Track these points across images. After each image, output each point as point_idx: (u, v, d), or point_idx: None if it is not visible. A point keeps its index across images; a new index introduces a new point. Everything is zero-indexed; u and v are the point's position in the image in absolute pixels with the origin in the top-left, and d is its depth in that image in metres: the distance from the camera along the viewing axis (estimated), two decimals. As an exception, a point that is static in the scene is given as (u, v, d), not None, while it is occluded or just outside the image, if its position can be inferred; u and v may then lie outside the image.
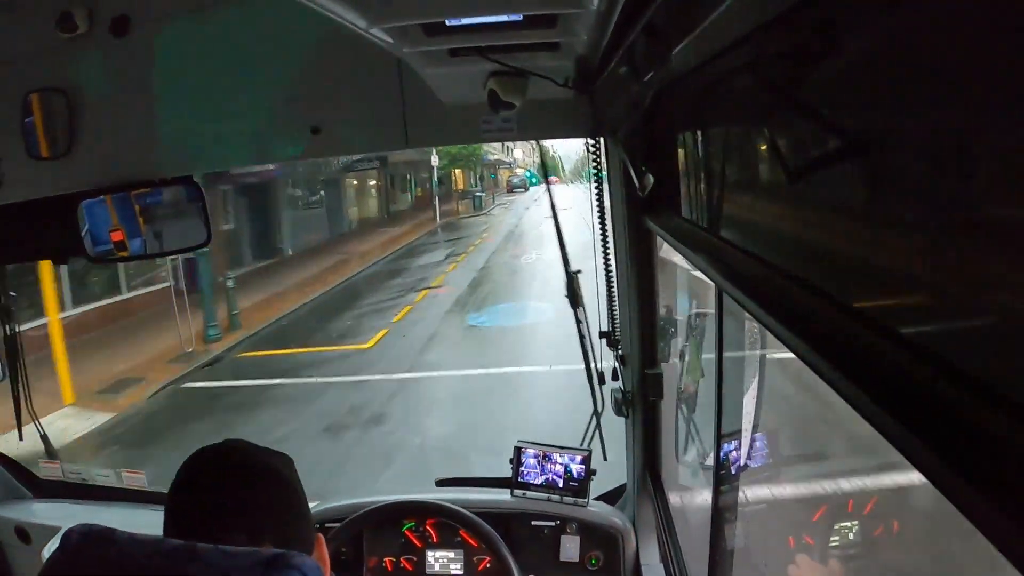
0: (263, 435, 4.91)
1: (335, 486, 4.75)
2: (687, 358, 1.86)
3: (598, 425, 1.92)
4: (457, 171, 34.01)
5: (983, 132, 0.37)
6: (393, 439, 5.95)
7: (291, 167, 15.23)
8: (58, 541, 0.73)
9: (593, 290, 1.78)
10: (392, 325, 10.12)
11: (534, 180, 47.79)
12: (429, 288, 12.72)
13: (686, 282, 1.95)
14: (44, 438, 2.33)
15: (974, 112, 0.37)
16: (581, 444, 1.94)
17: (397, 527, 1.91)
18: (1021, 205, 0.34)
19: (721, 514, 1.41)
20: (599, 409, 1.89)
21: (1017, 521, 0.31)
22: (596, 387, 1.85)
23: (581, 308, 1.75)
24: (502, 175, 46.16)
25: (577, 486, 1.89)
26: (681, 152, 1.30)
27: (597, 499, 1.98)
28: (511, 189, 42.91)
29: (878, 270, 0.52)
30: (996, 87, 0.34)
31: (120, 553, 0.70)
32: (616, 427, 1.99)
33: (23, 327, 2.17)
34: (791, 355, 0.59)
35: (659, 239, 1.63)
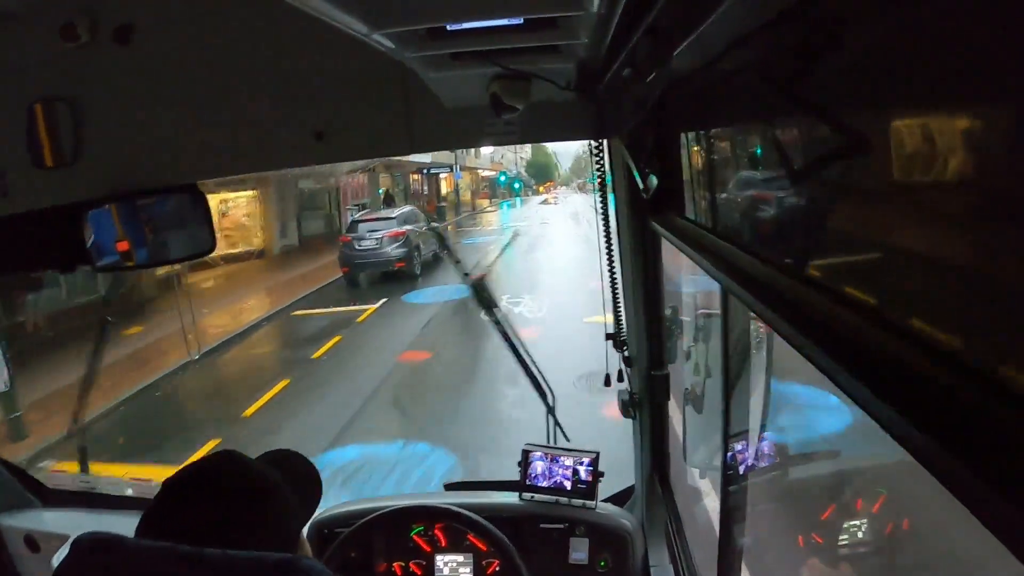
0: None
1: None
2: (693, 359, 1.85)
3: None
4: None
5: (989, 129, 0.36)
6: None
7: None
8: (67, 550, 0.74)
9: (598, 292, 1.77)
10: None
11: (517, 186, 35.34)
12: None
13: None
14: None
15: (980, 109, 0.37)
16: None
17: (406, 532, 1.91)
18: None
19: (730, 514, 1.41)
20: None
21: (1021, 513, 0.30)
22: None
23: None
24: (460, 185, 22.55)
25: (585, 488, 1.88)
26: (685, 153, 1.30)
27: (605, 501, 1.98)
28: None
29: (883, 268, 0.52)
30: (1005, 83, 0.34)
31: (128, 560, 0.71)
32: (623, 428, 1.98)
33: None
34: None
35: (664, 240, 1.63)
